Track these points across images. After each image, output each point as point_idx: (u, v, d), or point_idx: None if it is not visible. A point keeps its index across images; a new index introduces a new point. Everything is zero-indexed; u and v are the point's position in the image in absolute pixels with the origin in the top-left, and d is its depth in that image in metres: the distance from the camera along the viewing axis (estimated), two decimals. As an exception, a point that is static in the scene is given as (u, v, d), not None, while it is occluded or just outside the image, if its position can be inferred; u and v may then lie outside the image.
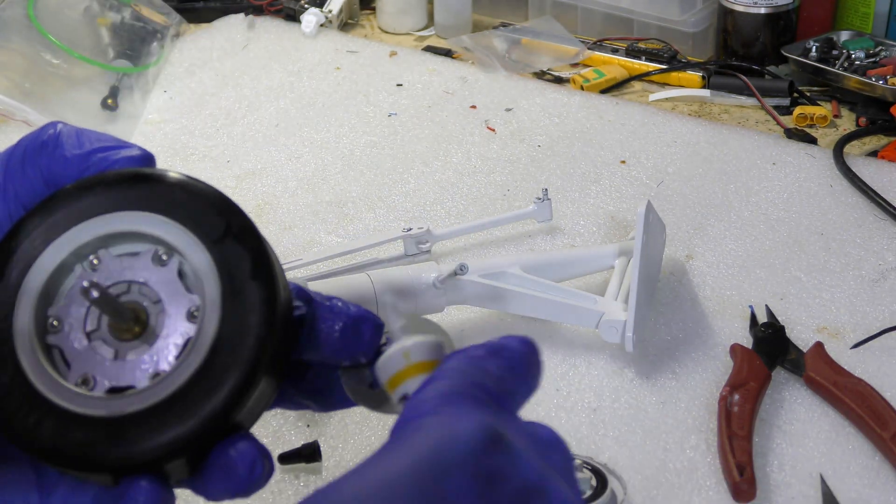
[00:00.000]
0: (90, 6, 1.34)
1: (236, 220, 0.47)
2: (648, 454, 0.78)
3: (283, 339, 0.47)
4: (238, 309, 0.46)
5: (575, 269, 0.94)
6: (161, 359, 0.46)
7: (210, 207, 0.48)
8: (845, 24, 1.33)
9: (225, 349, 0.45)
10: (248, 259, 0.47)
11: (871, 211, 1.05)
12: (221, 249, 0.47)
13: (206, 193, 0.48)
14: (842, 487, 0.74)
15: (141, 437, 0.44)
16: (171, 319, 0.47)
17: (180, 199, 0.48)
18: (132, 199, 0.48)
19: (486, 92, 1.31)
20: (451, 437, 0.40)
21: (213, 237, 0.47)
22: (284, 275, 0.49)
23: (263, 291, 0.46)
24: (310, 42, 1.45)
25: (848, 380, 0.81)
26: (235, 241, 0.47)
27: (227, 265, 0.46)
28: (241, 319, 0.46)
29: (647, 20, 1.39)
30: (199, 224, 0.47)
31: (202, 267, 0.47)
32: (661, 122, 1.22)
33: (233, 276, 0.46)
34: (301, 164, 1.17)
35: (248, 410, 0.45)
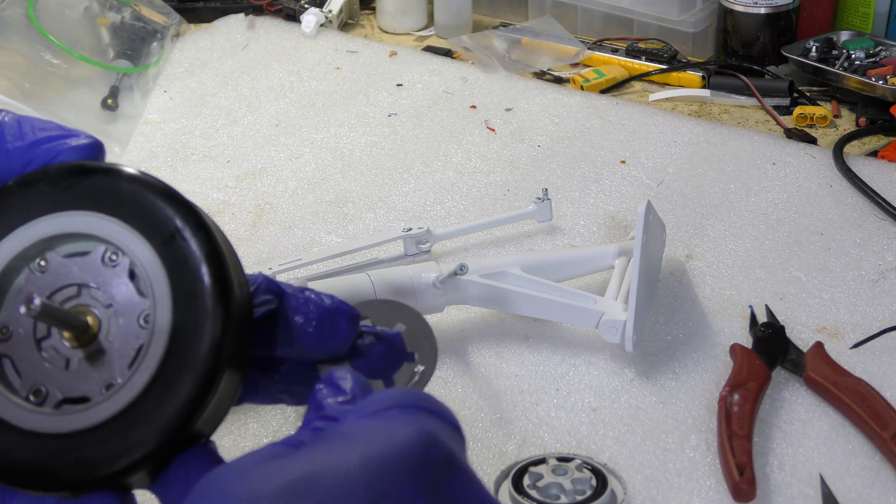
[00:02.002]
0: (90, 6, 1.34)
1: (186, 217, 0.45)
2: (648, 454, 0.78)
3: (241, 340, 0.45)
4: (190, 314, 0.44)
5: (575, 269, 0.94)
6: (114, 368, 0.44)
7: (158, 205, 0.45)
8: (845, 24, 1.33)
9: (177, 358, 0.43)
10: (199, 260, 0.44)
11: (871, 211, 1.05)
12: (171, 251, 0.45)
13: (154, 190, 0.46)
14: (842, 487, 0.74)
15: (97, 454, 0.43)
16: (122, 325, 0.45)
17: (127, 196, 0.46)
18: (77, 198, 0.46)
19: (486, 92, 1.31)
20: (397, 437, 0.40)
21: (161, 237, 0.45)
22: (242, 271, 0.47)
23: (216, 294, 0.44)
24: (310, 42, 1.45)
25: (848, 380, 0.81)
26: (185, 241, 0.45)
27: (176, 267, 0.44)
28: (194, 326, 0.44)
29: (647, 20, 1.39)
30: (147, 224, 0.45)
31: (151, 269, 0.45)
32: (661, 122, 1.22)
33: (183, 279, 0.44)
34: (301, 164, 1.17)
35: (207, 417, 0.44)
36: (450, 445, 0.41)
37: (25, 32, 1.25)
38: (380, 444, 0.40)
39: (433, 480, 0.40)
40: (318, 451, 0.41)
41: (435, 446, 0.41)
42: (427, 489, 0.40)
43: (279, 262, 0.93)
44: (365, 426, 0.42)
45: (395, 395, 0.43)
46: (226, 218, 1.08)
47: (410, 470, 0.39)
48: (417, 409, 0.43)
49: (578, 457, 0.76)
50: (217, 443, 0.49)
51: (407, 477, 0.39)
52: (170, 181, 1.16)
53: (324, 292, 0.50)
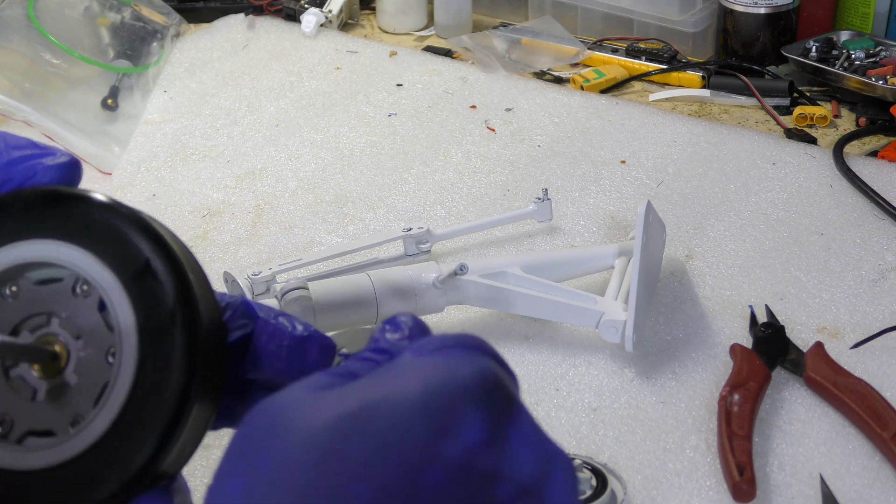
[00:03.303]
0: (90, 6, 1.34)
1: (157, 252, 0.44)
2: (648, 454, 0.78)
3: (210, 374, 0.44)
4: (157, 354, 0.43)
5: (575, 269, 0.94)
6: (80, 403, 0.44)
7: (129, 238, 0.44)
8: (845, 24, 1.33)
9: (142, 400, 0.43)
10: (169, 296, 0.44)
11: (871, 211, 1.05)
12: (140, 287, 0.44)
13: (126, 221, 0.45)
14: (842, 487, 0.74)
15: (60, 493, 0.42)
16: (89, 359, 0.44)
17: (99, 228, 0.45)
18: (50, 226, 0.45)
19: (486, 92, 1.31)
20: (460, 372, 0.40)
21: (131, 272, 0.44)
22: (215, 299, 0.46)
23: (185, 332, 0.43)
24: (310, 42, 1.45)
25: (848, 380, 0.81)
26: (155, 277, 0.44)
27: (145, 304, 0.44)
28: (161, 367, 0.43)
29: (647, 20, 1.39)
30: (118, 258, 0.44)
31: (119, 305, 0.44)
32: (661, 122, 1.22)
33: (151, 317, 0.43)
34: (301, 164, 1.17)
35: (172, 459, 0.43)
36: (510, 386, 0.41)
37: (25, 32, 1.25)
38: (441, 378, 0.40)
39: (494, 417, 0.39)
40: (376, 382, 0.41)
41: (497, 384, 0.40)
42: (488, 425, 0.39)
43: (279, 262, 0.93)
44: (425, 361, 0.41)
45: (456, 337, 0.43)
46: (226, 218, 1.08)
47: (472, 404, 0.39)
48: (479, 350, 0.42)
49: (578, 457, 0.76)
50: (217, 443, 0.49)
51: (469, 410, 0.39)
52: (170, 181, 1.15)
53: (300, 319, 0.50)
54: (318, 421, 0.38)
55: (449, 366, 0.41)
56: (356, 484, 0.36)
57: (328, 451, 0.37)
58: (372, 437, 0.37)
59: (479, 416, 0.39)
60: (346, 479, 0.36)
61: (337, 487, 0.36)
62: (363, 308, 0.84)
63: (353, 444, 0.37)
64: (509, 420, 0.40)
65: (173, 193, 1.13)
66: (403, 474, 0.37)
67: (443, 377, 0.40)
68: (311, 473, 0.37)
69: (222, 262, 1.01)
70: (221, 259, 1.01)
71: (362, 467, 0.37)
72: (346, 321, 0.84)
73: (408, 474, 0.37)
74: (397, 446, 0.37)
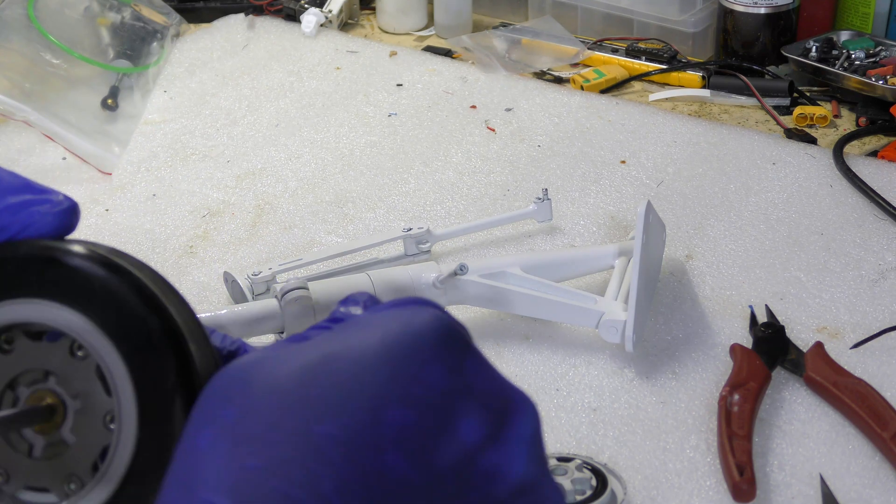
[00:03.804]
0: (90, 6, 1.34)
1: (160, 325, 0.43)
2: (648, 454, 0.78)
3: None
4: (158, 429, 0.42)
5: (575, 269, 0.94)
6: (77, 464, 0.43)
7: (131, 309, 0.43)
8: (845, 24, 1.33)
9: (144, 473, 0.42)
10: (170, 374, 0.42)
11: (871, 211, 1.05)
12: (140, 361, 0.42)
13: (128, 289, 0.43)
14: (842, 487, 0.74)
15: None
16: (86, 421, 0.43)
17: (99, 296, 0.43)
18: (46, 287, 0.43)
19: (486, 92, 1.31)
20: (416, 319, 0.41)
21: (130, 345, 0.43)
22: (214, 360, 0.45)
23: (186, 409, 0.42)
24: (310, 42, 1.45)
25: (848, 380, 0.81)
26: (156, 352, 0.42)
27: (145, 379, 0.42)
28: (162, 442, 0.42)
29: (647, 20, 1.39)
30: (118, 328, 0.43)
31: (118, 375, 0.43)
32: (661, 122, 1.22)
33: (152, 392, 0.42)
34: (301, 164, 1.17)
35: None
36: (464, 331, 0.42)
37: (25, 32, 1.25)
38: (399, 326, 0.41)
39: (453, 360, 0.41)
40: (336, 336, 0.42)
41: (454, 329, 0.42)
42: (447, 367, 0.40)
43: (279, 262, 0.93)
44: (381, 314, 0.43)
45: (410, 298, 0.44)
46: (226, 218, 1.08)
47: (430, 349, 0.40)
48: (431, 305, 0.44)
49: (578, 457, 0.76)
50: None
51: (427, 355, 0.40)
52: (170, 181, 1.16)
53: None
54: (281, 372, 0.39)
55: (405, 315, 0.42)
56: (322, 423, 0.37)
57: (292, 396, 0.38)
58: (335, 380, 0.38)
59: (438, 356, 0.40)
60: (311, 419, 0.37)
61: (302, 428, 0.37)
62: (363, 308, 0.84)
63: (317, 388, 0.38)
64: (467, 358, 0.41)
65: (173, 193, 1.13)
66: (368, 412, 0.38)
67: (401, 325, 0.41)
68: (276, 417, 0.37)
69: (222, 262, 1.01)
70: (221, 259, 1.01)
71: (327, 408, 0.37)
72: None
73: (373, 411, 0.38)
74: (361, 387, 0.38)
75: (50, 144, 1.19)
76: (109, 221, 1.08)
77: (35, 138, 1.21)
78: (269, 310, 0.81)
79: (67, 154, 1.18)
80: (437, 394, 0.39)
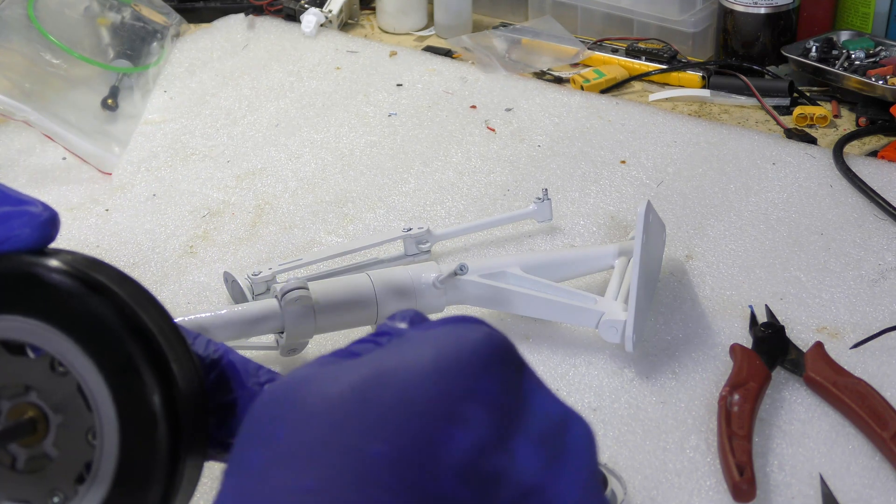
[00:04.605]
0: (90, 6, 1.34)
1: (142, 347, 0.42)
2: (648, 454, 0.78)
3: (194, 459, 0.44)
4: (140, 448, 0.42)
5: (575, 269, 0.94)
6: (60, 479, 0.43)
7: (113, 330, 0.42)
8: (845, 24, 1.33)
9: (127, 490, 0.42)
10: (152, 396, 0.42)
11: (871, 211, 1.05)
12: (121, 382, 0.42)
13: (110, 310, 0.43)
14: (842, 487, 0.74)
15: None
16: (68, 436, 0.43)
17: (81, 315, 0.43)
18: (27, 303, 0.43)
19: (486, 92, 1.31)
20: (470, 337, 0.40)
21: (112, 367, 0.42)
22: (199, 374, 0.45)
23: (168, 429, 0.42)
24: (310, 42, 1.45)
25: (848, 380, 0.81)
26: (138, 375, 0.42)
27: (127, 401, 0.42)
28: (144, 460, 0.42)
29: (647, 20, 1.39)
30: (99, 349, 0.42)
31: (100, 395, 0.42)
32: (661, 122, 1.22)
33: (133, 413, 0.42)
34: (301, 164, 1.17)
35: None
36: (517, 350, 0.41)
37: (25, 32, 1.25)
38: (452, 344, 0.40)
39: (508, 379, 0.40)
40: (388, 353, 0.41)
41: (507, 347, 0.41)
42: (502, 387, 0.39)
43: (279, 262, 0.93)
44: (433, 332, 0.42)
45: (459, 316, 0.43)
46: (226, 218, 1.08)
47: (485, 367, 0.39)
48: (481, 323, 0.43)
49: (578, 457, 0.76)
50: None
51: (482, 374, 0.39)
52: (170, 181, 1.16)
53: None
54: (333, 390, 0.38)
55: (457, 332, 0.41)
56: (375, 443, 0.36)
57: (345, 414, 0.37)
58: (389, 399, 0.37)
59: (493, 375, 0.39)
60: (365, 438, 0.36)
61: (356, 447, 0.36)
62: (363, 308, 0.84)
63: (371, 407, 0.37)
64: (522, 377, 0.40)
65: (173, 193, 1.13)
66: (422, 433, 0.37)
67: (454, 342, 0.40)
68: (329, 436, 0.36)
69: (222, 262, 1.01)
70: (221, 259, 1.01)
71: (380, 427, 0.36)
72: (346, 321, 0.84)
73: (427, 432, 0.37)
74: (415, 407, 0.37)
75: (50, 144, 1.19)
76: (109, 221, 1.08)
77: (35, 138, 1.21)
78: (269, 310, 0.81)
79: (67, 154, 1.18)
80: (493, 414, 0.38)
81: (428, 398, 0.37)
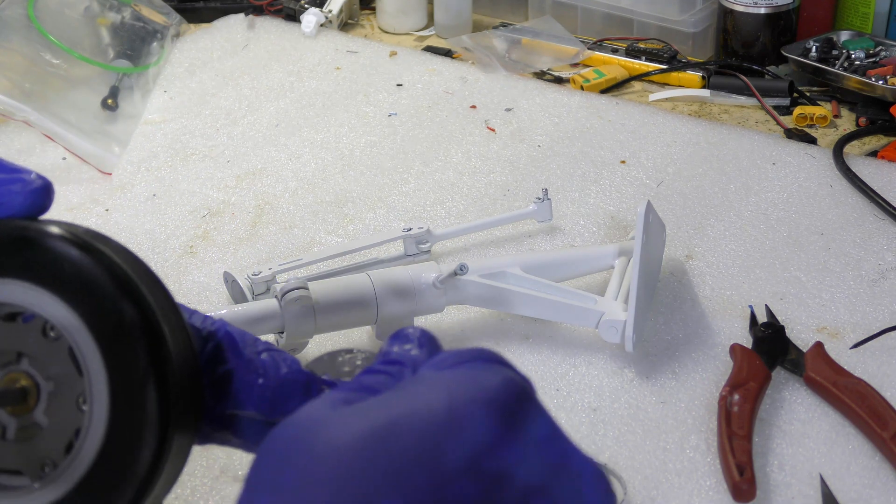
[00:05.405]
0: (90, 6, 1.34)
1: (133, 307, 0.42)
2: (648, 454, 0.78)
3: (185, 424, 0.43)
4: (129, 411, 0.42)
5: (575, 269, 0.94)
6: (50, 446, 0.43)
7: (104, 292, 0.43)
8: (845, 24, 1.33)
9: (115, 455, 0.42)
10: (142, 357, 0.42)
11: (871, 211, 1.05)
12: (112, 343, 0.42)
13: (101, 271, 0.43)
14: (842, 487, 0.74)
15: None
16: (59, 403, 0.43)
17: (72, 277, 0.43)
18: (20, 268, 0.43)
19: (486, 92, 1.31)
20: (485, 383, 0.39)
21: (103, 328, 0.42)
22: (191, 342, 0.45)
23: (158, 391, 0.42)
24: (310, 42, 1.45)
25: (848, 380, 0.81)
26: (129, 335, 0.42)
27: (117, 361, 0.42)
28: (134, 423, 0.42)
29: (647, 20, 1.39)
30: (90, 310, 0.42)
31: (91, 357, 0.42)
32: (661, 122, 1.22)
33: (124, 374, 0.42)
34: (301, 164, 1.17)
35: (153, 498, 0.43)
36: (533, 395, 0.41)
37: (25, 32, 1.25)
38: (466, 390, 0.39)
39: (522, 429, 0.39)
40: (400, 397, 0.40)
41: (524, 394, 0.40)
42: (516, 437, 0.38)
43: (279, 262, 0.93)
44: (448, 374, 0.41)
45: (472, 350, 0.42)
46: (226, 218, 1.08)
47: (500, 419, 0.38)
48: (498, 362, 0.42)
49: (578, 457, 0.76)
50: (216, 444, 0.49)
51: (495, 422, 0.38)
52: (170, 181, 1.16)
53: (287, 354, 0.49)
54: (344, 437, 0.37)
55: (473, 377, 0.40)
56: (385, 497, 0.35)
57: (355, 466, 0.36)
58: (400, 451, 0.37)
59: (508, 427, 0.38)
60: (375, 493, 0.36)
61: (366, 499, 0.35)
62: (363, 308, 0.84)
63: (381, 460, 0.36)
64: (539, 427, 0.40)
65: (173, 193, 1.13)
66: (433, 487, 0.36)
67: (469, 390, 0.39)
68: (338, 488, 0.36)
69: (222, 262, 1.01)
70: (221, 259, 1.01)
71: (391, 481, 0.36)
72: (346, 321, 0.84)
73: (437, 487, 0.36)
74: (427, 460, 0.36)
75: (50, 144, 1.19)
76: (109, 221, 1.08)
77: (35, 138, 1.21)
78: (269, 310, 0.81)
79: (67, 154, 1.18)
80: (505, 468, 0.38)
81: (438, 451, 0.37)
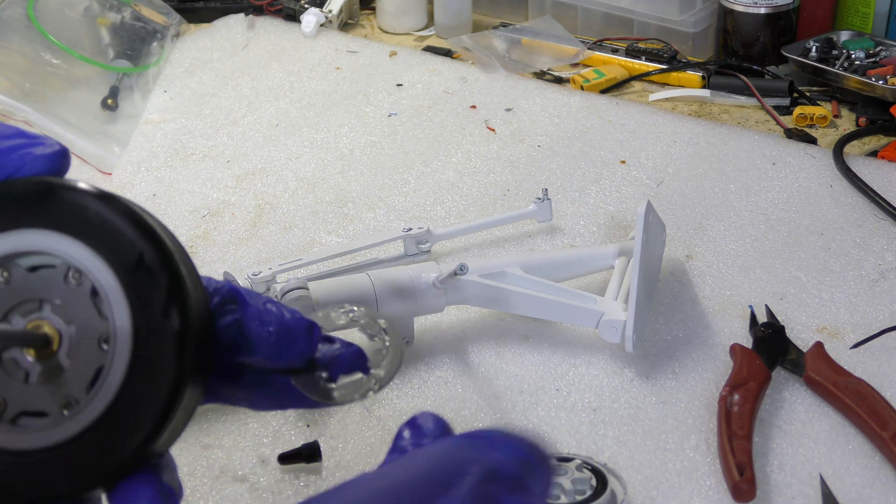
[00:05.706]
0: (90, 6, 1.34)
1: (151, 246, 0.45)
2: (648, 454, 0.78)
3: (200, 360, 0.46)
4: (150, 345, 0.44)
5: (575, 269, 0.94)
6: (72, 386, 0.45)
7: (124, 232, 0.45)
8: (845, 24, 1.33)
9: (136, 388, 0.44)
10: (162, 291, 0.45)
11: (871, 211, 1.05)
12: (133, 280, 0.45)
13: (120, 215, 0.46)
14: (842, 487, 0.74)
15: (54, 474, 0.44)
16: (82, 345, 0.45)
17: (93, 220, 0.45)
18: (43, 216, 0.46)
19: (486, 92, 1.31)
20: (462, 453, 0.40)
21: (124, 266, 0.45)
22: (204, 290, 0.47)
23: (177, 325, 0.44)
24: (310, 42, 1.45)
25: (848, 380, 0.81)
26: (149, 271, 0.45)
27: (138, 297, 0.45)
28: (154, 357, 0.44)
29: (647, 20, 1.39)
30: (112, 250, 0.45)
31: (113, 295, 0.45)
32: (661, 122, 1.22)
33: (145, 310, 0.44)
34: (301, 164, 1.17)
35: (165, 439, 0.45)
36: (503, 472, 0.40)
37: (25, 32, 1.25)
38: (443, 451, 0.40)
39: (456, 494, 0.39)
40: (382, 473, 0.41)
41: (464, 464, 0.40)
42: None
43: (279, 262, 0.93)
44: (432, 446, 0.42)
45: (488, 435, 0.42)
46: (226, 218, 1.08)
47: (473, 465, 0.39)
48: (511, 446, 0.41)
49: (578, 457, 0.76)
50: (217, 443, 0.49)
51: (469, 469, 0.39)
52: (170, 181, 1.16)
53: (286, 306, 0.51)
54: None
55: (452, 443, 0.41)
56: None
57: None
58: None
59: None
60: None
61: None
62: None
63: None
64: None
65: (173, 193, 1.13)
66: None
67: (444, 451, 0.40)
68: None
69: (222, 262, 1.01)
70: (221, 259, 1.01)
71: None
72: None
73: None
74: None
75: (50, 144, 1.18)
76: (109, 221, 1.08)
77: (35, 138, 1.21)
78: (269, 310, 0.81)
79: (67, 154, 1.18)
80: None
81: None
